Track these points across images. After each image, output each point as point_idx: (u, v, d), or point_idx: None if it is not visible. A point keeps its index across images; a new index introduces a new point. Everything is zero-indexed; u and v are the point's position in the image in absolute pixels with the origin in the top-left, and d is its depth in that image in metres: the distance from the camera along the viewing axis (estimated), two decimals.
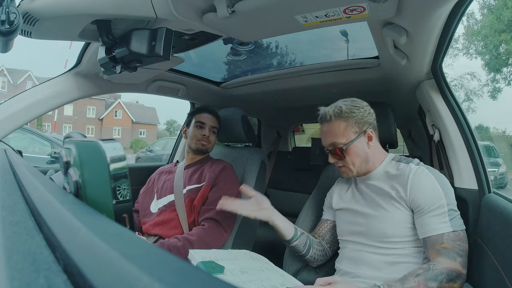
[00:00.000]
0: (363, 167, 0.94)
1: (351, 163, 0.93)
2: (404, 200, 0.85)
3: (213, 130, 1.37)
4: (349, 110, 0.91)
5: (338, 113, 0.91)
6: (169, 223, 1.20)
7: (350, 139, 0.91)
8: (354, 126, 0.91)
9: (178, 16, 0.76)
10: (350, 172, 0.94)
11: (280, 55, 1.62)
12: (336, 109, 0.92)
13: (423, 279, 0.73)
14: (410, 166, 0.88)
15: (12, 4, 0.63)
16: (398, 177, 0.89)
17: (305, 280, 1.05)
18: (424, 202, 0.82)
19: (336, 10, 0.73)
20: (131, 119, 27.34)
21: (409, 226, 0.85)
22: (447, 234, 0.79)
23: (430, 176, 0.85)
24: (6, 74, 21.34)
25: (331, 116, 0.92)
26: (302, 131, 2.92)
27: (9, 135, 1.02)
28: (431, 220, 0.81)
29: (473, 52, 14.11)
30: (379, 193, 0.91)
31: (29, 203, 0.33)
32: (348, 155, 0.92)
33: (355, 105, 0.93)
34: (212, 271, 0.74)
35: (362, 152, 0.92)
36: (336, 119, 0.92)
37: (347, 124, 0.91)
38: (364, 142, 0.93)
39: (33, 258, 0.19)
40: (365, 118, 0.92)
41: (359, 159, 0.92)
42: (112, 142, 0.29)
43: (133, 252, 0.17)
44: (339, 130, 0.91)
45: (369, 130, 0.92)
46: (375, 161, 0.95)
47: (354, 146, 0.91)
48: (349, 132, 0.91)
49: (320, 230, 1.07)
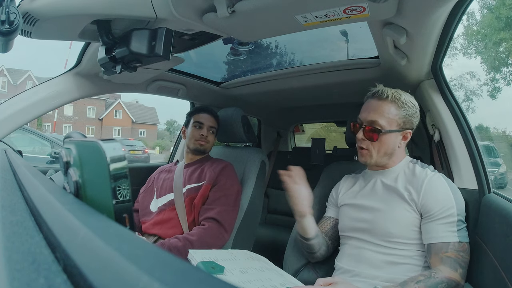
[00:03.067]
0: (384, 160, 0.93)
1: (377, 150, 0.91)
2: (415, 203, 0.85)
3: (212, 130, 1.37)
4: (406, 102, 0.89)
5: (397, 98, 0.89)
6: (169, 222, 1.20)
7: (391, 128, 0.89)
8: (402, 118, 0.89)
9: (178, 16, 0.76)
10: (370, 158, 0.92)
11: (280, 55, 1.62)
12: (396, 93, 0.90)
13: (423, 286, 0.73)
14: (426, 171, 0.88)
15: (12, 4, 0.63)
16: (413, 179, 0.88)
17: (305, 280, 1.05)
18: (435, 208, 0.81)
19: (336, 10, 0.73)
20: (131, 119, 27.34)
21: (415, 229, 0.85)
22: (452, 244, 0.79)
23: (445, 184, 0.85)
24: (6, 74, 21.33)
25: (388, 96, 0.89)
26: (302, 131, 2.92)
27: (9, 135, 1.02)
28: (439, 227, 0.80)
29: (472, 52, 14.12)
30: (391, 190, 0.90)
31: (29, 203, 0.33)
32: (380, 141, 0.90)
33: (412, 102, 0.91)
34: (212, 271, 0.74)
35: (392, 146, 0.91)
36: (391, 102, 0.89)
37: (398, 112, 0.89)
38: (399, 139, 0.91)
39: (33, 258, 0.19)
40: (413, 119, 0.91)
41: (385, 151, 0.91)
42: (112, 142, 0.29)
43: (133, 252, 0.17)
44: (388, 112, 0.89)
45: (409, 131, 0.92)
46: (396, 159, 0.94)
47: (389, 136, 0.89)
48: (394, 121, 0.89)
49: (323, 227, 1.06)
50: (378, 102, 0.90)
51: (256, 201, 1.37)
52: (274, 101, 1.98)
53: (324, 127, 4.37)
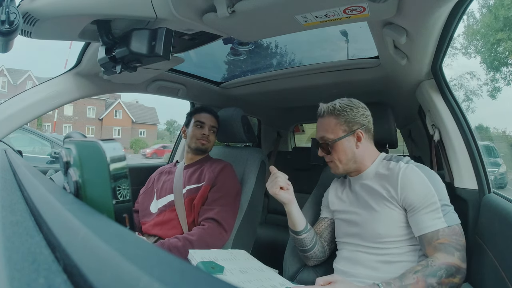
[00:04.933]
0: (351, 165, 0.96)
1: (337, 159, 0.96)
2: (396, 199, 0.86)
3: (213, 129, 1.38)
4: (342, 108, 0.95)
5: (331, 110, 0.96)
6: (169, 223, 1.20)
7: (338, 136, 0.95)
8: (344, 124, 0.94)
9: (178, 16, 0.76)
10: (336, 168, 0.97)
11: (280, 55, 1.62)
12: (330, 106, 0.97)
13: (422, 275, 0.73)
14: (399, 164, 0.89)
15: (12, 4, 0.63)
16: (388, 176, 0.89)
17: (304, 280, 1.05)
18: (416, 200, 0.82)
19: (336, 10, 0.73)
20: (131, 119, 27.35)
21: (402, 225, 0.85)
22: (442, 230, 0.79)
23: (420, 173, 0.85)
24: (6, 74, 21.33)
25: (324, 112, 0.98)
26: (302, 131, 2.92)
27: (9, 135, 1.02)
28: (425, 217, 0.81)
29: (472, 52, 14.11)
30: (371, 193, 0.92)
31: (29, 203, 0.33)
32: (335, 151, 0.95)
33: (349, 105, 0.96)
34: (212, 271, 0.74)
35: (349, 151, 0.94)
36: (328, 115, 0.97)
37: (337, 121, 0.95)
38: (353, 142, 0.95)
39: (33, 258, 0.19)
40: (356, 119, 0.95)
41: (346, 157, 0.95)
42: (112, 142, 0.29)
43: (133, 252, 0.17)
44: (329, 126, 0.96)
45: (359, 131, 0.94)
46: (366, 161, 0.96)
47: (340, 143, 0.94)
48: (338, 129, 0.95)
49: (318, 228, 1.07)
50: (321, 120, 0.99)
51: (256, 201, 1.37)
52: (274, 101, 1.98)
53: None
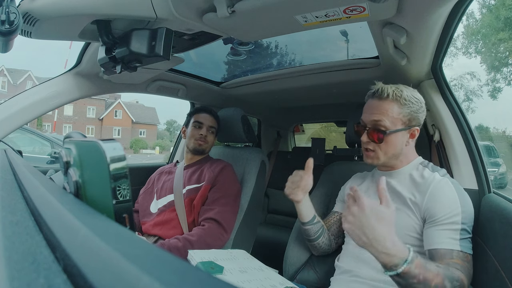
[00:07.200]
0: (392, 161, 0.89)
1: (384, 151, 0.87)
2: (419, 207, 0.81)
3: (211, 130, 1.37)
4: (409, 98, 0.85)
5: (398, 96, 0.84)
6: (169, 223, 1.21)
7: (396, 127, 0.84)
8: (406, 116, 0.85)
9: (178, 16, 0.76)
10: (377, 159, 0.88)
11: (280, 55, 1.61)
12: (397, 90, 0.85)
13: (442, 273, 0.68)
14: (435, 175, 0.84)
15: (12, 4, 0.63)
16: (420, 182, 0.84)
17: (304, 280, 1.05)
18: (439, 213, 0.77)
19: (336, 10, 0.73)
20: (131, 119, 27.35)
21: (413, 235, 0.81)
22: (456, 252, 0.74)
23: (453, 189, 0.80)
24: (6, 74, 21.33)
25: (388, 95, 0.85)
26: (302, 131, 2.93)
27: (9, 135, 1.02)
28: (442, 233, 0.76)
29: (472, 52, 14.12)
30: (395, 193, 0.87)
31: (29, 203, 0.33)
32: (386, 142, 0.85)
33: (415, 97, 0.86)
34: (211, 271, 0.74)
35: (400, 146, 0.86)
36: (393, 100, 0.85)
37: (400, 111, 0.84)
38: (406, 137, 0.87)
39: (33, 258, 0.19)
40: (418, 114, 0.86)
41: (393, 151, 0.86)
42: (112, 142, 0.29)
43: (133, 252, 0.17)
44: (391, 112, 0.84)
45: (416, 128, 0.87)
46: (404, 160, 0.90)
47: (395, 136, 0.85)
48: (398, 120, 0.85)
49: (328, 221, 1.06)
50: (379, 102, 0.86)
51: (256, 201, 1.37)
52: (274, 101, 1.98)
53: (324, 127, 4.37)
